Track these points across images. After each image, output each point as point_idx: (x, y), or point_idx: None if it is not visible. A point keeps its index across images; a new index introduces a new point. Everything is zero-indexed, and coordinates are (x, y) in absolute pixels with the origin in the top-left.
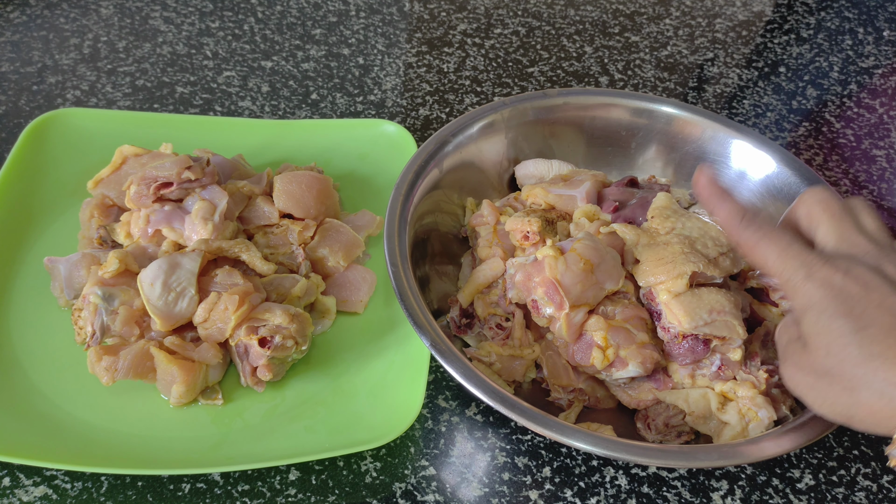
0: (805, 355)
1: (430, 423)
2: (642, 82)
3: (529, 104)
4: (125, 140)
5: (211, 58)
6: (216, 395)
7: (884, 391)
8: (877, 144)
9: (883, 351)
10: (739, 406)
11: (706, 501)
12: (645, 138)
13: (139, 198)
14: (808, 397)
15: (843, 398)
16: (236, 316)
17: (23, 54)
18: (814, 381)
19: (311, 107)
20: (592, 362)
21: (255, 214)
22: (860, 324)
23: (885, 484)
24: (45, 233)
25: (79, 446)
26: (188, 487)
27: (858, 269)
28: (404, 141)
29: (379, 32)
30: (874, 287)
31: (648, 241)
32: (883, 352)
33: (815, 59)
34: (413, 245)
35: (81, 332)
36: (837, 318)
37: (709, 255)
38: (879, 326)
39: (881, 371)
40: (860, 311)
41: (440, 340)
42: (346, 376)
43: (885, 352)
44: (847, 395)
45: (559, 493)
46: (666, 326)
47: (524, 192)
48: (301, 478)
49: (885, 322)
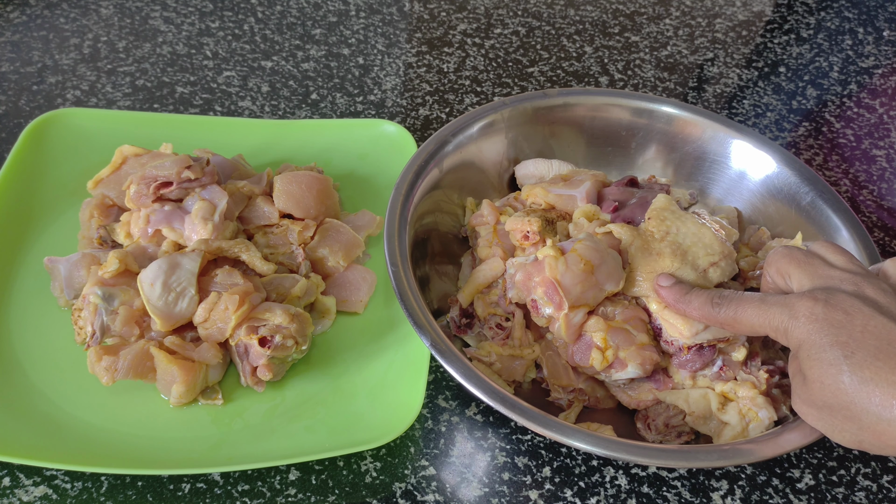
0: (805, 389)
1: (430, 423)
2: (642, 82)
3: (529, 104)
4: (125, 140)
5: (211, 58)
6: (216, 395)
7: (881, 415)
8: (877, 144)
9: (873, 376)
10: (740, 406)
11: (706, 501)
12: (645, 138)
13: (139, 198)
14: (820, 428)
15: (849, 426)
16: (236, 316)
17: (23, 54)
18: (818, 413)
19: (311, 107)
20: (592, 363)
21: (255, 214)
22: (847, 351)
23: (885, 484)
24: (45, 233)
25: (79, 446)
26: (188, 487)
27: (838, 297)
28: (404, 141)
29: (379, 32)
30: (855, 311)
31: (642, 244)
32: (873, 377)
33: (815, 59)
34: (413, 245)
35: (81, 332)
36: (826, 350)
37: (699, 266)
38: (866, 351)
39: (875, 396)
40: (846, 338)
41: (440, 340)
42: (346, 376)
43: (875, 376)
44: (851, 424)
45: (559, 493)
46: (669, 340)
47: (524, 191)
48: (301, 478)
49: (871, 346)
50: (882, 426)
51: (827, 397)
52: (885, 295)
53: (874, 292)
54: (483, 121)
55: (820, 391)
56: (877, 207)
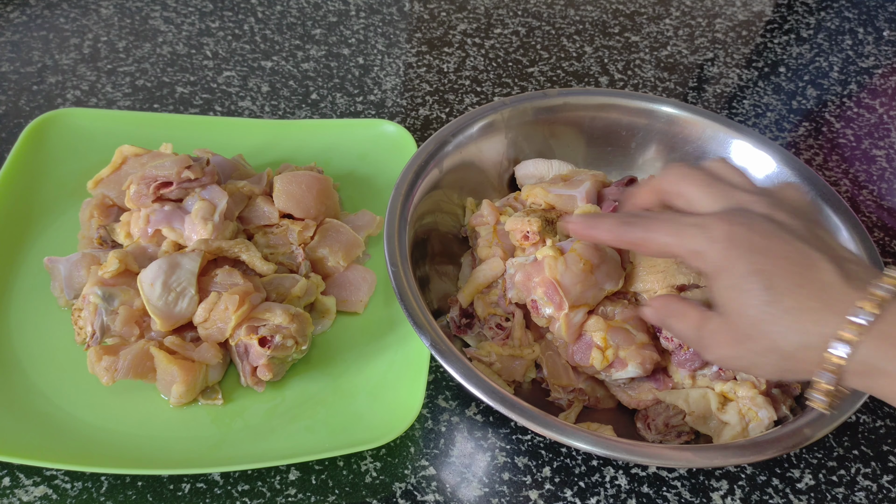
0: (724, 327)
1: (430, 423)
2: (642, 82)
3: (529, 104)
4: (125, 140)
5: (211, 58)
6: (216, 395)
7: (803, 341)
8: (877, 144)
9: (795, 304)
10: (739, 406)
11: (706, 501)
12: (645, 138)
13: (139, 198)
14: (741, 366)
15: (771, 357)
16: (236, 316)
17: (23, 54)
18: (739, 349)
19: (311, 107)
20: (592, 363)
21: (255, 214)
22: (770, 280)
23: (885, 484)
24: (45, 233)
25: (79, 446)
26: (188, 487)
27: (757, 221)
28: (404, 141)
29: (379, 32)
30: (773, 237)
31: None
32: (795, 305)
33: (815, 59)
34: (413, 245)
35: (81, 332)
36: (748, 277)
37: None
38: (788, 279)
39: (797, 323)
40: (768, 265)
41: (440, 340)
42: (346, 376)
43: (797, 304)
44: (773, 354)
45: (559, 493)
46: (668, 337)
47: (524, 192)
48: (301, 478)
49: (791, 272)
50: (802, 353)
51: (750, 326)
52: (795, 218)
53: (786, 216)
54: (483, 121)
55: (742, 321)
56: (877, 207)
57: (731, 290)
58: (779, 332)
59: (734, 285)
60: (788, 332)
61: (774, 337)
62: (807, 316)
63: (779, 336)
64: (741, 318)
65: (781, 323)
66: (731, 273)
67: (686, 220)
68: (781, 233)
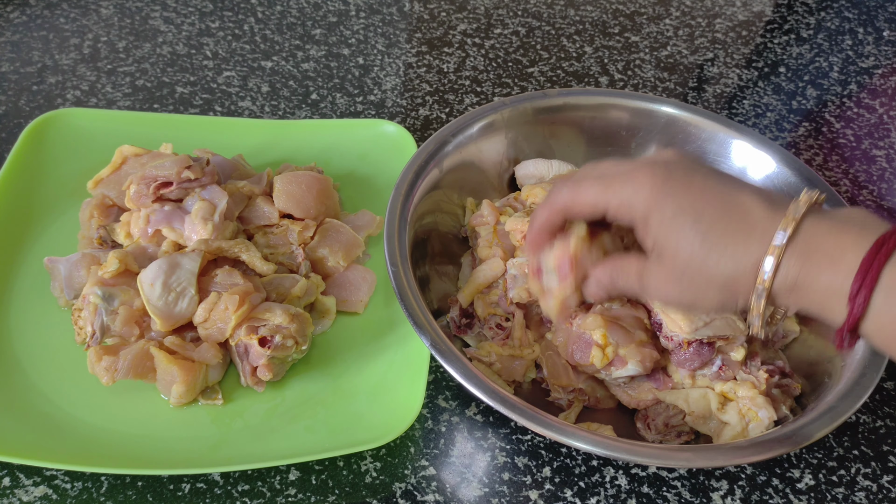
0: (662, 268)
1: (430, 423)
2: (642, 82)
3: (529, 104)
4: (125, 140)
5: (211, 58)
6: (216, 395)
7: (737, 269)
8: (877, 144)
9: (723, 234)
10: (739, 406)
11: (706, 501)
12: (645, 138)
13: (139, 198)
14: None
15: (711, 289)
16: (236, 316)
17: (23, 54)
18: (680, 287)
19: (311, 107)
20: (592, 361)
21: (255, 214)
22: (697, 215)
23: (885, 484)
24: (45, 233)
25: (79, 446)
26: (188, 487)
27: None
28: (404, 141)
29: (379, 32)
30: (696, 174)
31: None
32: (724, 235)
33: (815, 59)
34: (413, 245)
35: (81, 332)
36: (677, 215)
37: None
38: (714, 212)
39: (728, 252)
40: (694, 202)
41: (440, 340)
42: (346, 376)
43: (726, 234)
44: (712, 285)
45: (559, 493)
46: (668, 336)
47: (524, 192)
48: (301, 478)
49: (717, 206)
50: (737, 279)
51: (684, 265)
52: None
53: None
54: (483, 121)
55: (677, 260)
56: (877, 207)
57: (662, 231)
58: (713, 263)
59: (665, 225)
60: (721, 261)
61: (710, 268)
62: (736, 244)
63: (713, 266)
64: (676, 256)
65: (713, 253)
66: (661, 214)
67: (611, 174)
68: (700, 172)
